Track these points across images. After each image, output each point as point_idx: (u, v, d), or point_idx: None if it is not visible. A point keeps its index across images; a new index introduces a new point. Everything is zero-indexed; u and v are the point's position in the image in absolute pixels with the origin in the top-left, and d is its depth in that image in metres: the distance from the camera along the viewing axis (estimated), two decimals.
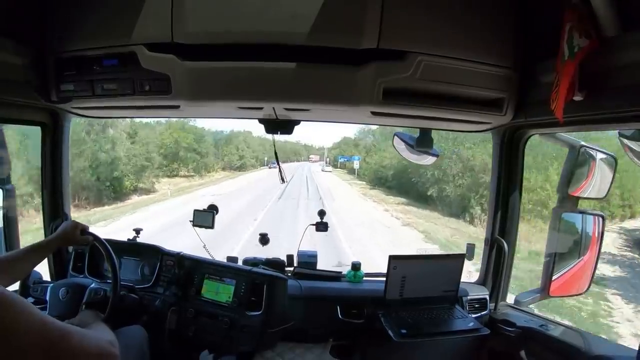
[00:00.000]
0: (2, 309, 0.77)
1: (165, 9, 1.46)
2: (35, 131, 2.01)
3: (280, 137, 2.07)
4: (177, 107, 1.72)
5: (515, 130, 1.95)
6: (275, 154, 2.20)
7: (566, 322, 1.99)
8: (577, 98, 1.31)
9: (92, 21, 1.60)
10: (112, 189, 20.08)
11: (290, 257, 2.22)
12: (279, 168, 2.30)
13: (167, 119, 18.24)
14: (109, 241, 1.72)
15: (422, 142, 2.13)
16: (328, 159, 62.12)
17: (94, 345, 0.93)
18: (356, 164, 35.93)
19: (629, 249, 12.33)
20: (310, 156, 73.71)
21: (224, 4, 1.44)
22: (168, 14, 1.46)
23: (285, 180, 2.37)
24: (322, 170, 49.55)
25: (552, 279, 1.95)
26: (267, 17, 1.43)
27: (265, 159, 49.66)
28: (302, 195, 23.34)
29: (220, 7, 1.44)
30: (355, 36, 1.45)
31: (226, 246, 8.94)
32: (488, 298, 2.10)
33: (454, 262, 2.01)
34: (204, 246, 2.22)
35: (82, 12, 1.60)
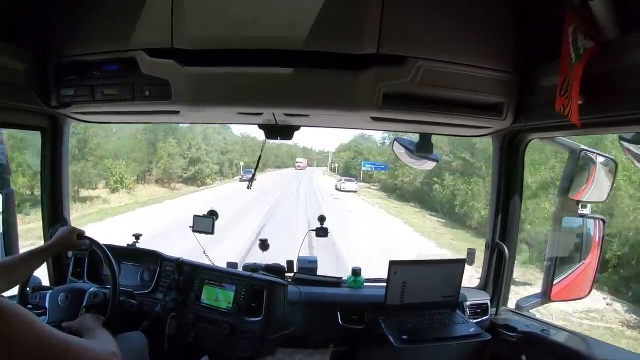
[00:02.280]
0: (2, 319, 0.77)
1: (166, 14, 1.46)
2: None
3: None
4: (177, 112, 1.72)
5: (516, 135, 1.95)
6: (259, 159, 2.11)
7: (568, 328, 1.97)
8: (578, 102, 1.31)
9: (92, 26, 1.60)
10: None
11: (290, 263, 2.20)
12: (253, 177, 2.13)
13: None
14: (108, 246, 1.71)
15: (422, 147, 2.14)
16: (336, 166, 47.31)
17: (97, 357, 0.92)
18: None
19: None
20: (297, 160, 55.50)
21: (224, 9, 1.44)
22: (168, 19, 1.47)
23: (250, 187, 2.15)
24: (338, 189, 27.22)
25: (554, 284, 1.94)
26: (267, 22, 1.43)
27: (242, 164, 32.14)
28: None
29: (221, 13, 1.44)
30: (355, 41, 1.45)
31: None
32: (489, 303, 2.09)
33: (455, 267, 2.00)
34: (204, 252, 2.21)
35: (83, 18, 1.61)
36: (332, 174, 46.92)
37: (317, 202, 21.17)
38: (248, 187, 2.20)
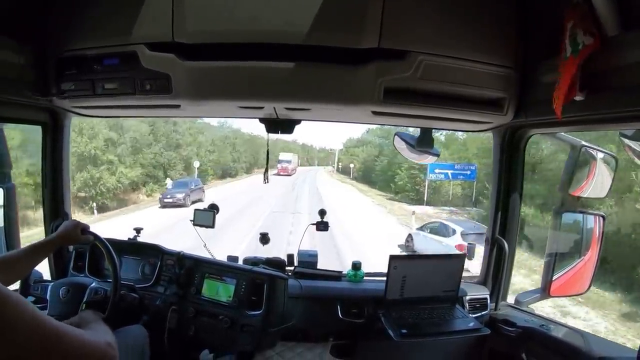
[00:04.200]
0: None
1: (166, 8, 1.46)
2: None
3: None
4: (178, 106, 1.72)
5: (516, 130, 1.95)
6: (267, 156, 2.08)
7: (567, 323, 1.97)
8: (578, 98, 1.31)
9: (93, 20, 1.60)
10: None
11: (290, 257, 2.21)
12: (266, 172, 2.04)
13: None
14: (110, 240, 1.71)
15: (423, 142, 2.13)
16: (352, 166, 37.62)
17: (92, 346, 0.92)
18: None
19: None
20: (281, 159, 36.59)
21: (225, 3, 1.44)
22: (169, 13, 1.46)
23: (267, 181, 2.01)
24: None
25: (553, 279, 1.95)
26: (267, 16, 1.43)
27: (196, 165, 21.58)
28: None
29: (221, 7, 1.44)
30: (356, 35, 1.45)
31: None
32: (488, 298, 2.10)
33: (455, 262, 2.01)
34: (205, 245, 2.22)
35: (83, 12, 1.60)
36: (345, 178, 37.35)
37: None
38: (265, 181, 2.09)
